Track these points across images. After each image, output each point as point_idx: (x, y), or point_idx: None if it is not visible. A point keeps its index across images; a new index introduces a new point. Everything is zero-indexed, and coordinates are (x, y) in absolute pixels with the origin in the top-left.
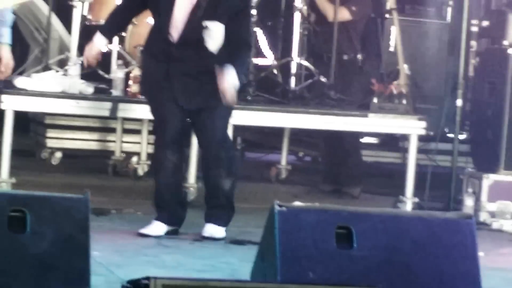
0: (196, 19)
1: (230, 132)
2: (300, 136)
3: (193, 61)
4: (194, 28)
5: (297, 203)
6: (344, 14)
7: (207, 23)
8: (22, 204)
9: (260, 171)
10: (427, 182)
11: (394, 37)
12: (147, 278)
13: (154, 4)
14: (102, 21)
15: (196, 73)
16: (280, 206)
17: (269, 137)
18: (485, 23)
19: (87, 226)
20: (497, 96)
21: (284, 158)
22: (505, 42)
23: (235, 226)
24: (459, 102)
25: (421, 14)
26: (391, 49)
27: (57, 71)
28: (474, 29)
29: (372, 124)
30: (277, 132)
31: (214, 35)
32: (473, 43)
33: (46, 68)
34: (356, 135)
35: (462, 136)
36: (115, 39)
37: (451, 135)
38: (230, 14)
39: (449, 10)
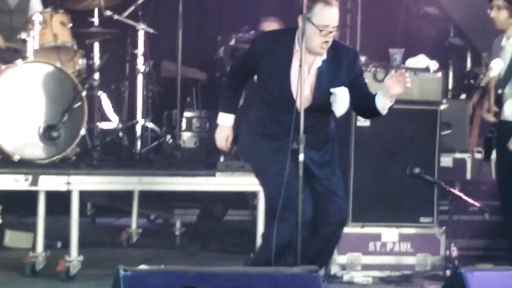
0: (322, 86)
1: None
2: (151, 199)
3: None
4: (321, 95)
5: (143, 266)
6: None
7: (335, 89)
8: None
9: (111, 236)
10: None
11: None
12: None
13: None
14: None
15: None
16: (125, 270)
17: (120, 201)
18: None
19: None
20: (343, 150)
21: (134, 221)
22: None
23: None
24: (301, 157)
25: None
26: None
27: None
28: None
29: (220, 183)
30: (127, 196)
31: (341, 100)
32: None
33: None
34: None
35: None
36: None
37: None
38: (352, 77)
39: None
